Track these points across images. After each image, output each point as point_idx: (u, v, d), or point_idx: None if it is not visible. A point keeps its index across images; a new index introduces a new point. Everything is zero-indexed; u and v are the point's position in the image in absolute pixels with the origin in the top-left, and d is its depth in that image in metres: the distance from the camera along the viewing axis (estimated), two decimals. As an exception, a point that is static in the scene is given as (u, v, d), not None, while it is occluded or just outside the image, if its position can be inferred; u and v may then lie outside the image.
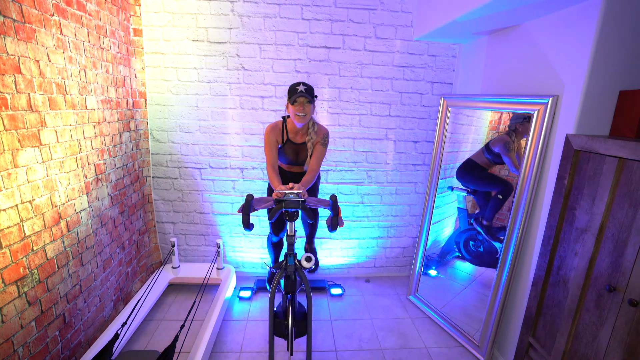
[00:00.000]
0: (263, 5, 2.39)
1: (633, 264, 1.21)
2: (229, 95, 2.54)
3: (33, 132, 1.50)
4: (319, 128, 2.07)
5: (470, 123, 2.35)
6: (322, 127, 2.09)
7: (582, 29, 1.49)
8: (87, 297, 1.92)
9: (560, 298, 1.57)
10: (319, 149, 2.05)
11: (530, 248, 1.82)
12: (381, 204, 2.85)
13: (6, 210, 1.37)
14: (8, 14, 1.34)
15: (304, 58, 2.50)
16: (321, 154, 2.06)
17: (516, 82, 1.96)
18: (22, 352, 1.45)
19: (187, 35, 2.41)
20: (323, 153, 2.07)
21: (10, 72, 1.36)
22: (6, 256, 1.37)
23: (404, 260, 3.05)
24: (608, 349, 1.31)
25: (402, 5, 2.45)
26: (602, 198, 1.35)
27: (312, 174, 1.99)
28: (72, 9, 1.73)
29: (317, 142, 2.05)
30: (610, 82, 1.47)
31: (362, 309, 2.55)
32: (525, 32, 1.89)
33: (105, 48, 2.05)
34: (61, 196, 1.70)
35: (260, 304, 2.57)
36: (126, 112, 2.32)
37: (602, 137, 1.37)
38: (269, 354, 1.75)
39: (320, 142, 2.05)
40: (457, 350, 2.15)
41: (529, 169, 1.76)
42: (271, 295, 1.75)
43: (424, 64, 2.59)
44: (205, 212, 2.77)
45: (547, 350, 1.63)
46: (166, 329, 2.24)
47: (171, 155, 2.63)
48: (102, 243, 2.06)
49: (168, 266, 2.68)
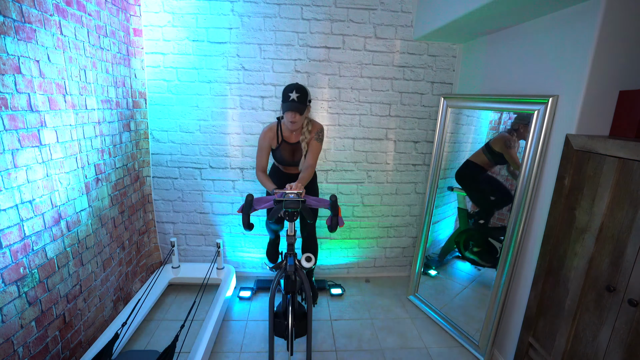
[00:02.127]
0: (263, 5, 2.39)
1: (633, 264, 1.21)
2: (229, 95, 2.54)
3: (33, 132, 1.50)
4: (313, 125, 2.09)
5: (470, 123, 2.35)
6: (316, 123, 2.12)
7: (583, 29, 1.49)
8: (87, 297, 1.92)
9: (560, 298, 1.57)
10: (314, 144, 2.07)
11: (530, 248, 1.82)
12: (381, 204, 2.85)
13: (6, 210, 1.37)
14: (8, 14, 1.34)
15: (304, 58, 2.50)
16: (317, 149, 2.07)
17: (516, 82, 1.96)
18: (22, 352, 1.45)
19: (187, 35, 2.41)
20: (318, 148, 2.08)
21: (10, 72, 1.36)
22: (6, 256, 1.37)
23: (404, 260, 3.05)
24: (608, 349, 1.31)
25: (402, 5, 2.45)
26: (602, 198, 1.35)
27: (309, 170, 2.01)
28: (72, 9, 1.73)
29: (311, 139, 2.07)
30: (610, 82, 1.47)
31: (362, 309, 2.55)
32: (525, 32, 1.89)
33: (105, 48, 2.05)
34: (61, 196, 1.70)
35: (260, 304, 2.57)
36: (126, 112, 2.32)
37: (602, 137, 1.37)
38: (269, 354, 1.75)
39: (314, 138, 2.07)
40: (457, 350, 2.15)
41: (529, 169, 1.76)
42: (271, 295, 1.75)
43: (424, 64, 2.59)
44: (205, 212, 2.77)
45: (547, 350, 1.63)
46: (166, 329, 2.24)
47: (171, 155, 2.63)
48: (102, 243, 2.06)
49: (168, 266, 2.68)
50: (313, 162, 2.05)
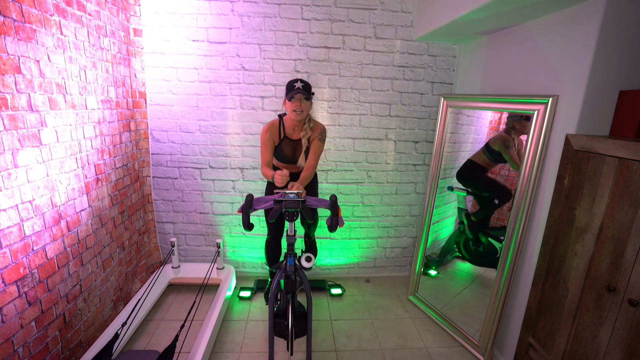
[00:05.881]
0: (263, 5, 2.39)
1: (633, 264, 1.21)
2: (229, 95, 2.54)
3: (33, 132, 1.50)
4: (315, 124, 2.08)
5: (470, 123, 2.35)
6: (318, 123, 2.11)
7: (583, 29, 1.49)
8: (87, 297, 1.92)
9: (560, 298, 1.57)
10: (317, 144, 2.05)
11: (530, 248, 1.82)
12: (381, 204, 2.85)
13: (6, 210, 1.37)
14: (8, 14, 1.34)
15: (304, 58, 2.50)
16: (319, 149, 2.05)
17: (516, 82, 1.96)
18: (22, 352, 1.45)
19: (187, 35, 2.41)
20: (320, 148, 2.07)
21: (10, 72, 1.36)
22: (6, 256, 1.37)
23: (404, 260, 3.05)
24: (608, 349, 1.31)
25: (402, 5, 2.45)
26: (602, 198, 1.35)
27: (310, 170, 1.99)
28: (72, 9, 1.73)
29: (314, 138, 2.05)
30: (610, 82, 1.47)
31: (362, 309, 2.55)
32: (525, 32, 1.89)
33: (105, 48, 2.05)
34: (61, 196, 1.70)
35: (260, 304, 2.57)
36: (126, 112, 2.32)
37: (602, 137, 1.37)
38: (269, 354, 1.75)
39: (317, 138, 2.05)
40: (457, 350, 2.15)
41: (528, 169, 1.76)
42: (271, 295, 1.75)
43: (424, 64, 2.59)
44: (205, 212, 2.77)
45: (547, 350, 1.63)
46: (166, 329, 2.24)
47: (171, 155, 2.63)
48: (102, 243, 2.06)
49: (168, 266, 2.68)
50: (314, 163, 2.03)
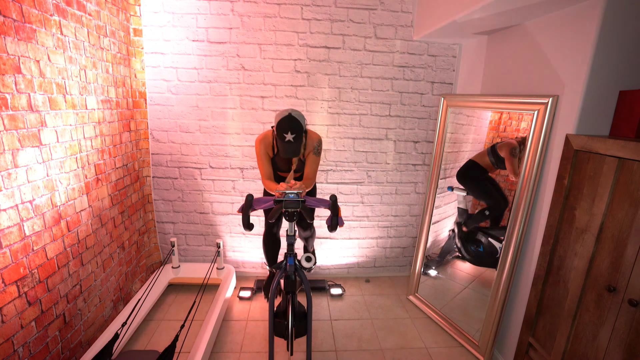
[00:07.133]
0: (263, 5, 2.39)
1: (633, 264, 1.21)
2: (229, 95, 2.54)
3: (33, 132, 1.50)
4: (310, 138, 1.96)
5: (470, 123, 2.35)
6: (313, 134, 1.98)
7: (583, 29, 1.49)
8: (87, 297, 1.92)
9: (560, 298, 1.57)
10: (312, 158, 1.96)
11: (530, 248, 1.82)
12: (381, 204, 2.85)
13: (6, 210, 1.37)
14: (8, 14, 1.34)
15: (304, 58, 2.50)
16: (315, 163, 1.97)
17: (516, 82, 1.96)
18: (22, 352, 1.45)
19: (187, 35, 2.41)
20: (317, 162, 1.98)
21: (10, 72, 1.36)
22: (6, 256, 1.37)
23: (404, 260, 3.05)
24: (608, 349, 1.31)
25: (402, 5, 2.45)
26: (602, 198, 1.35)
27: (308, 182, 1.91)
28: (72, 9, 1.73)
29: (309, 152, 1.97)
30: (610, 82, 1.47)
31: (362, 309, 2.55)
32: (525, 32, 1.89)
33: (105, 48, 2.05)
34: (61, 196, 1.70)
35: (260, 304, 2.57)
36: (126, 112, 2.32)
37: (602, 137, 1.37)
38: (269, 354, 1.75)
39: (312, 152, 1.96)
40: (457, 350, 2.15)
41: (529, 169, 1.76)
42: (271, 295, 1.75)
43: (424, 64, 2.59)
44: (205, 212, 2.77)
45: (547, 350, 1.63)
46: (166, 329, 2.24)
47: (171, 155, 2.63)
48: (102, 243, 2.06)
49: (168, 266, 2.68)
50: (312, 176, 1.95)
